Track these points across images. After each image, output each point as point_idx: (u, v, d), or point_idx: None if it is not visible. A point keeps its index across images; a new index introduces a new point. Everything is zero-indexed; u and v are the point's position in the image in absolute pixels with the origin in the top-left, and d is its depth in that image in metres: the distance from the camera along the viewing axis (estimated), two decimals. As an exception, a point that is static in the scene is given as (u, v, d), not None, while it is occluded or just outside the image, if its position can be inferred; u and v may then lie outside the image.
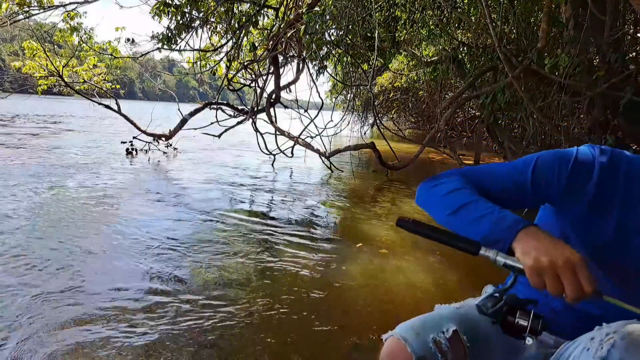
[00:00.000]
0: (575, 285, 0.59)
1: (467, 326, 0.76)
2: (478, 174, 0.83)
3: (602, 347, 0.59)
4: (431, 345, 0.72)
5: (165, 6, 5.46)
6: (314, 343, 1.64)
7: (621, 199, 0.72)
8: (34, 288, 1.92)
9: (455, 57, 6.17)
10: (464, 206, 0.75)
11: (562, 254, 0.61)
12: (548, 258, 0.61)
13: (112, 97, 7.21)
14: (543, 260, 0.61)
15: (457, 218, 0.75)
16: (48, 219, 2.98)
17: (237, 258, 2.48)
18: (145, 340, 1.56)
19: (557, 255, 0.61)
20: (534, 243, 0.64)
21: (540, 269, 0.61)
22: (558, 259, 0.60)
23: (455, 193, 0.78)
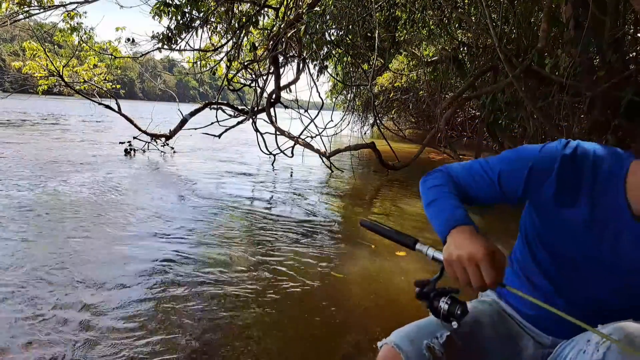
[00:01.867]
0: (477, 277, 0.65)
1: (462, 331, 0.76)
2: (459, 171, 0.88)
3: (598, 350, 0.61)
4: (425, 352, 0.72)
5: (166, 6, 5.46)
6: (314, 343, 1.64)
7: (588, 192, 0.73)
8: (34, 286, 1.91)
9: (455, 57, 6.17)
10: (434, 201, 0.82)
11: (470, 249, 0.66)
12: (457, 252, 0.67)
13: (112, 97, 7.21)
14: (454, 254, 0.67)
15: (429, 211, 0.82)
16: (50, 217, 2.98)
17: (236, 258, 2.48)
18: (144, 334, 1.56)
19: (465, 251, 0.66)
20: (456, 239, 0.69)
21: (451, 262, 0.67)
22: (464, 254, 0.66)
23: (434, 189, 0.85)
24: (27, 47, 6.56)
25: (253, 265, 2.39)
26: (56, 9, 5.85)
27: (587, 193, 0.73)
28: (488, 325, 0.82)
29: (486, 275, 0.64)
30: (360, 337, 1.68)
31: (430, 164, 7.77)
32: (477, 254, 0.66)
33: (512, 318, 0.86)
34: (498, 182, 0.80)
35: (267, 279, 2.21)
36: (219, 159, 6.95)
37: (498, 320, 0.85)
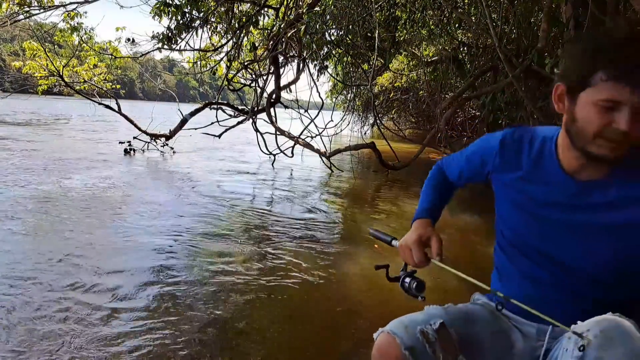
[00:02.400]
0: (409, 258, 0.89)
1: (455, 322, 0.82)
2: (447, 161, 1.09)
3: (577, 348, 0.65)
4: (419, 336, 0.77)
5: (166, 6, 5.46)
6: (313, 343, 1.64)
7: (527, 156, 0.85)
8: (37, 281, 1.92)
9: (455, 57, 6.17)
10: (422, 193, 1.07)
11: (407, 237, 0.90)
12: (403, 241, 0.91)
13: (112, 97, 7.21)
14: (401, 241, 0.92)
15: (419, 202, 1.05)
16: (52, 215, 2.99)
17: (236, 258, 2.48)
18: (143, 329, 1.56)
19: (405, 239, 0.91)
20: (410, 230, 0.93)
21: (399, 247, 0.92)
22: (404, 242, 0.91)
23: (426, 181, 1.10)
24: (27, 47, 6.56)
25: (253, 264, 2.39)
26: (56, 9, 5.85)
27: (527, 157, 0.85)
28: (480, 321, 0.86)
29: (415, 257, 0.88)
30: (360, 335, 1.69)
31: (430, 164, 7.73)
32: (409, 241, 0.89)
33: (502, 315, 0.90)
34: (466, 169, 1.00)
35: (267, 277, 2.21)
36: (219, 158, 6.95)
37: (490, 317, 0.88)
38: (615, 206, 0.76)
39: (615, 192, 0.76)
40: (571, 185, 0.79)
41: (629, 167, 0.75)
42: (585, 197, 0.79)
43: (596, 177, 0.78)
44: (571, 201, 0.80)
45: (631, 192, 0.75)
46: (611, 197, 0.76)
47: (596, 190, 0.77)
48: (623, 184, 0.76)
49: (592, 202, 0.78)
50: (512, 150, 0.87)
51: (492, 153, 0.90)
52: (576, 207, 0.79)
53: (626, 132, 0.68)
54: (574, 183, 0.79)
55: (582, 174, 0.79)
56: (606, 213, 0.77)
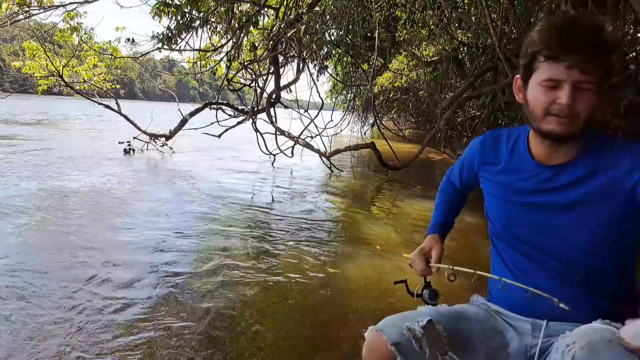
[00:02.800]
0: (416, 269, 0.99)
1: (445, 320, 0.84)
2: (452, 169, 1.15)
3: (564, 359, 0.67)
4: (405, 332, 0.80)
5: (165, 6, 5.46)
6: (313, 343, 1.64)
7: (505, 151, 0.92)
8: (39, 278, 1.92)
9: (455, 57, 6.16)
10: (434, 207, 1.16)
11: (414, 251, 1.01)
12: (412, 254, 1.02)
13: (112, 97, 7.21)
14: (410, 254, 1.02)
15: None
16: (54, 215, 2.99)
17: (235, 258, 2.48)
18: (146, 329, 1.56)
19: (413, 252, 1.01)
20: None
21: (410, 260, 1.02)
22: (411, 255, 1.01)
23: (438, 194, 1.17)
24: (26, 47, 6.56)
25: (252, 263, 2.39)
26: (56, 9, 5.85)
27: (504, 152, 0.93)
28: (472, 319, 0.88)
29: (417, 266, 0.98)
30: (360, 335, 1.68)
31: (430, 164, 7.77)
32: (413, 254, 1.00)
33: (498, 314, 0.90)
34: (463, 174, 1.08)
35: (267, 277, 2.21)
36: (219, 158, 6.95)
37: (484, 317, 0.89)
38: (580, 182, 0.81)
39: (581, 169, 0.81)
40: (542, 171, 0.85)
41: (594, 146, 0.81)
42: (555, 180, 0.84)
43: (565, 160, 0.83)
44: (543, 186, 0.85)
45: (594, 166, 0.80)
46: (577, 174, 0.81)
47: (565, 172, 0.83)
48: (588, 161, 0.81)
49: (560, 183, 0.83)
50: (491, 148, 0.96)
51: (476, 153, 0.99)
52: (547, 191, 0.84)
53: (569, 106, 0.74)
54: (544, 169, 0.85)
55: (552, 159, 0.84)
56: (573, 190, 0.81)
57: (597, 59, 0.73)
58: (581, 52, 0.72)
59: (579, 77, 0.73)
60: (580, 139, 0.82)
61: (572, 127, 0.77)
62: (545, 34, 0.76)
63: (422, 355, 0.79)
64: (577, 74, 0.73)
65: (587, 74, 0.73)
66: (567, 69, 0.73)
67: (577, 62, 0.72)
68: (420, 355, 0.79)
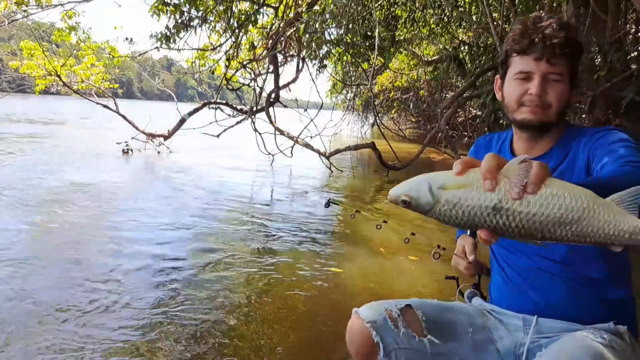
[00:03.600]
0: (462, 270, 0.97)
1: (427, 308, 0.88)
2: None
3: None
4: (382, 313, 0.85)
5: (164, 5, 5.42)
6: (313, 343, 1.62)
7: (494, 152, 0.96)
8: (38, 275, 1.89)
9: (456, 56, 6.14)
10: None
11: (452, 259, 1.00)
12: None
13: (110, 96, 7.17)
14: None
15: None
16: (56, 216, 2.96)
17: (235, 257, 2.45)
18: (145, 331, 1.53)
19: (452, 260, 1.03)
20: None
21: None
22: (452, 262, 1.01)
23: None
24: (24, 46, 6.52)
25: (252, 263, 2.36)
26: (54, 8, 5.81)
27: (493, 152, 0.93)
28: (459, 312, 0.90)
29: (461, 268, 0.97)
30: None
31: (431, 164, 7.74)
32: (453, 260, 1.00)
33: (491, 313, 0.92)
34: None
35: (266, 277, 2.18)
36: (217, 158, 6.92)
37: (474, 312, 0.91)
38: (554, 171, 0.84)
39: (555, 160, 0.85)
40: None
41: (568, 137, 0.86)
42: None
43: (542, 152, 0.88)
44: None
45: (565, 155, 0.85)
46: (551, 165, 0.84)
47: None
48: (561, 151, 0.86)
49: None
50: (483, 150, 1.01)
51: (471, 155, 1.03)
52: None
53: (539, 96, 0.80)
54: None
55: (530, 152, 0.89)
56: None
57: (563, 52, 0.79)
58: (547, 45, 0.79)
59: (547, 68, 0.80)
60: (556, 131, 0.87)
61: (544, 116, 0.82)
62: (516, 31, 0.83)
63: (398, 335, 0.83)
64: (545, 65, 0.80)
65: (554, 65, 0.80)
66: (536, 61, 0.80)
67: (544, 54, 0.79)
68: (396, 335, 0.83)
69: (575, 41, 0.80)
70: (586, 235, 0.46)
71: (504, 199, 0.46)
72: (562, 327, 0.81)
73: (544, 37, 0.79)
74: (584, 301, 0.81)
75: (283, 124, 6.37)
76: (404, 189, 0.52)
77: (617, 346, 0.73)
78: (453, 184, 0.48)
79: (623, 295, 0.82)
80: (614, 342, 0.73)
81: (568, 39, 0.79)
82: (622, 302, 0.82)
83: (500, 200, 0.46)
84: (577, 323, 0.80)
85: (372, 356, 0.84)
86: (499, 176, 0.46)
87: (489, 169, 0.46)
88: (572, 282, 0.82)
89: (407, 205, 0.52)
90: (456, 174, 0.48)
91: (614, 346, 0.71)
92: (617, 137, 0.79)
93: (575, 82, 0.84)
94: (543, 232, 0.46)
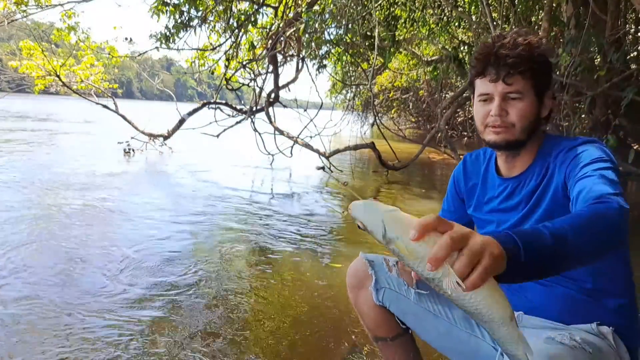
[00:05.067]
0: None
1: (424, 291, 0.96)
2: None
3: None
4: (380, 258, 0.98)
5: (164, 5, 5.42)
6: (312, 344, 1.61)
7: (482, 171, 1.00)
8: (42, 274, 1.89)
9: (455, 56, 6.13)
10: None
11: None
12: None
13: (109, 96, 7.15)
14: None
15: None
16: (58, 218, 2.95)
17: (235, 257, 2.45)
18: (145, 333, 1.53)
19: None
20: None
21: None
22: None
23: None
24: (23, 46, 6.51)
25: (251, 262, 2.36)
26: (53, 8, 5.80)
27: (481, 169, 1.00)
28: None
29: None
30: (360, 336, 1.66)
31: (431, 164, 7.74)
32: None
33: None
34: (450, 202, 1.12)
35: (266, 277, 2.18)
36: (217, 158, 6.91)
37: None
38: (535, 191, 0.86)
39: (536, 177, 0.86)
40: (507, 186, 0.92)
41: (547, 149, 0.87)
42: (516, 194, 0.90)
43: (522, 169, 0.89)
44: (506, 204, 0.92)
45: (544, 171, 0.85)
46: (532, 185, 0.86)
47: (523, 181, 0.89)
48: (541, 168, 0.87)
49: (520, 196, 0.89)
50: (471, 166, 1.03)
51: (459, 176, 1.05)
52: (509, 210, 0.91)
53: (500, 116, 0.82)
54: (508, 183, 0.92)
55: (512, 171, 0.91)
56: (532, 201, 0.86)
57: (519, 71, 0.80)
58: (501, 66, 0.80)
59: (504, 89, 0.81)
60: (533, 146, 0.88)
61: (508, 135, 0.84)
62: (475, 55, 0.86)
63: (390, 278, 0.93)
64: (502, 86, 0.81)
65: (512, 84, 0.81)
66: (493, 83, 0.82)
67: (500, 74, 0.81)
68: (388, 277, 0.94)
69: (534, 56, 0.80)
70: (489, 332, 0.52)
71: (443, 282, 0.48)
72: (543, 325, 0.82)
73: (497, 58, 0.80)
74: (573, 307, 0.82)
75: (283, 124, 6.37)
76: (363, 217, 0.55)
77: (591, 347, 0.71)
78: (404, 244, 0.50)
79: (614, 304, 0.82)
80: (587, 344, 0.72)
81: (523, 57, 0.79)
82: (615, 309, 0.82)
83: (438, 280, 0.48)
84: (560, 323, 0.82)
85: (362, 286, 0.97)
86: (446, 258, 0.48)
87: (436, 257, 0.46)
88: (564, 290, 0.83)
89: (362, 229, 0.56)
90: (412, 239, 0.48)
91: (585, 348, 0.70)
92: (591, 156, 0.77)
93: (542, 96, 0.84)
94: (463, 308, 0.51)
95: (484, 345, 0.88)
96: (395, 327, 0.99)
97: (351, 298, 1.02)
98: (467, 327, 0.90)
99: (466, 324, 0.90)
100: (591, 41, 3.65)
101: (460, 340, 0.90)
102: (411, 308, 0.92)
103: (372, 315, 0.98)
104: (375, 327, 1.01)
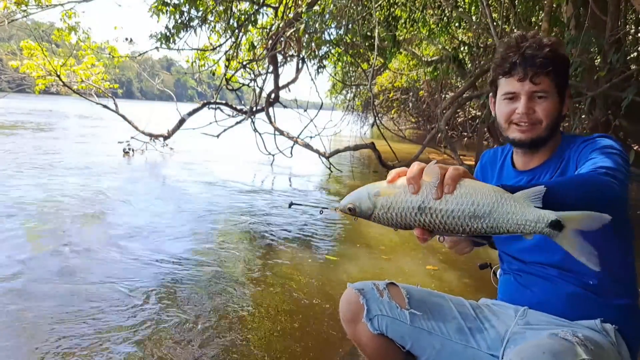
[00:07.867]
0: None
1: (413, 290, 0.97)
2: None
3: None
4: (370, 284, 0.97)
5: (164, 5, 5.42)
6: (312, 345, 1.61)
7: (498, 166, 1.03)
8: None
9: (455, 56, 6.14)
10: None
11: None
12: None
13: (110, 96, 7.15)
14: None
15: None
16: (57, 216, 2.95)
17: (235, 258, 2.45)
18: (145, 333, 1.53)
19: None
20: None
21: None
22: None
23: None
24: (24, 46, 6.52)
25: (251, 262, 2.36)
26: (54, 8, 5.81)
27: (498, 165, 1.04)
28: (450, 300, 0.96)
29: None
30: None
31: (430, 164, 7.73)
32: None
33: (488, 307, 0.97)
34: None
35: (265, 277, 2.18)
36: (217, 158, 6.91)
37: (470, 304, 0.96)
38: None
39: (552, 170, 0.90)
40: (521, 179, 0.95)
41: (563, 147, 0.91)
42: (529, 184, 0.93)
43: (539, 163, 0.93)
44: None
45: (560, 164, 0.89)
46: (548, 176, 0.90)
47: (538, 175, 0.92)
48: (557, 162, 0.90)
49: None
50: (488, 163, 1.07)
51: (478, 170, 1.09)
52: None
53: (527, 114, 0.85)
54: (522, 176, 0.95)
55: (528, 165, 0.94)
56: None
57: (546, 70, 0.83)
58: (529, 66, 0.83)
59: (531, 87, 0.84)
60: (552, 143, 0.91)
61: (534, 134, 0.87)
62: (501, 54, 0.88)
63: (382, 303, 0.93)
64: (529, 85, 0.84)
65: (539, 84, 0.84)
66: (520, 82, 0.85)
67: (527, 74, 0.83)
68: (380, 303, 0.93)
69: (558, 57, 0.84)
70: (499, 226, 0.54)
71: (427, 199, 0.54)
72: (548, 320, 0.85)
73: (525, 58, 0.83)
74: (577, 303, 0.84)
75: (283, 124, 6.36)
76: (350, 198, 0.61)
77: (593, 345, 0.72)
78: (386, 190, 0.57)
79: (621, 302, 0.83)
80: (589, 340, 0.73)
81: (549, 57, 0.83)
82: (618, 308, 0.83)
83: (424, 201, 0.54)
84: (564, 318, 0.84)
85: (357, 320, 0.95)
86: (422, 180, 0.55)
87: (412, 175, 0.54)
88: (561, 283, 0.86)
89: (353, 212, 0.61)
90: (388, 182, 0.56)
91: (587, 345, 0.71)
92: (601, 144, 0.82)
93: (564, 95, 0.88)
94: (462, 226, 0.54)
95: (481, 355, 0.88)
96: (398, 353, 0.97)
97: (348, 332, 1.00)
98: (462, 340, 0.90)
99: (461, 336, 0.90)
100: (591, 42, 3.65)
101: (456, 353, 0.90)
102: (406, 330, 0.92)
103: (372, 346, 0.96)
104: (378, 356, 0.98)
